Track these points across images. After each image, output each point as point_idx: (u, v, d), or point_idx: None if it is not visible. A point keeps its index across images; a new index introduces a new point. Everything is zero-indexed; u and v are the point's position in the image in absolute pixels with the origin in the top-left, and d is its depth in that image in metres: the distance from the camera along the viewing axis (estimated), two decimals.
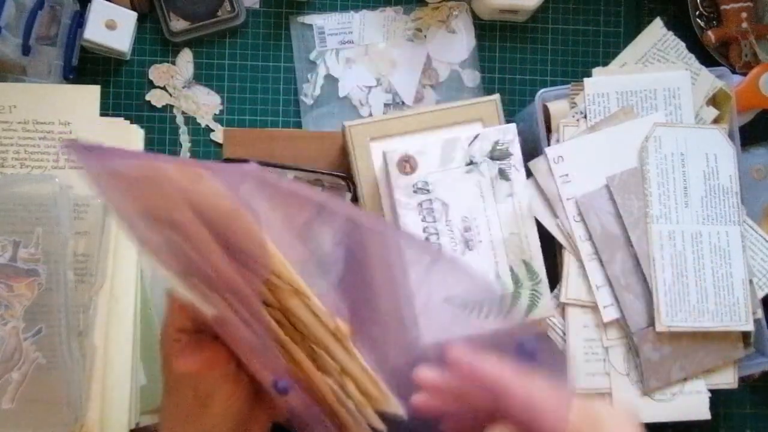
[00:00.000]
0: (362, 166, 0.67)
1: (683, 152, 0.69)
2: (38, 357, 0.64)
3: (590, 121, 0.70)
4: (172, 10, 0.75)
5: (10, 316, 0.64)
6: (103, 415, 0.65)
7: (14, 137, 0.68)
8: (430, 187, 0.65)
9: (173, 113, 0.76)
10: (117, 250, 0.68)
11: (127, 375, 0.66)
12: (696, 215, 0.69)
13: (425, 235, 0.64)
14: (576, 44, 0.81)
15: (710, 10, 0.81)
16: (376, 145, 0.67)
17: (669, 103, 0.71)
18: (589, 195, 0.68)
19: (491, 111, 0.69)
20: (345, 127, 0.68)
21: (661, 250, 0.67)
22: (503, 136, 0.65)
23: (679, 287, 0.67)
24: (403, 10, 0.79)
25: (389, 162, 0.65)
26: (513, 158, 0.65)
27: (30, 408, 0.63)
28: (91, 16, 0.71)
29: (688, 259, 0.68)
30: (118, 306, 0.67)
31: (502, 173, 0.66)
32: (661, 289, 0.67)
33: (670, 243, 0.68)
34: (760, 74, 0.75)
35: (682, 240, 0.68)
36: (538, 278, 0.65)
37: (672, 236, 0.68)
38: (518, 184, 0.66)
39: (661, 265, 0.67)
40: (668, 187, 0.68)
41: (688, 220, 0.68)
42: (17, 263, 0.64)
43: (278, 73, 0.78)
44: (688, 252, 0.68)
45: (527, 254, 0.65)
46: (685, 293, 0.67)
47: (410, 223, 0.64)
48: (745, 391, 0.80)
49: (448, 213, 0.65)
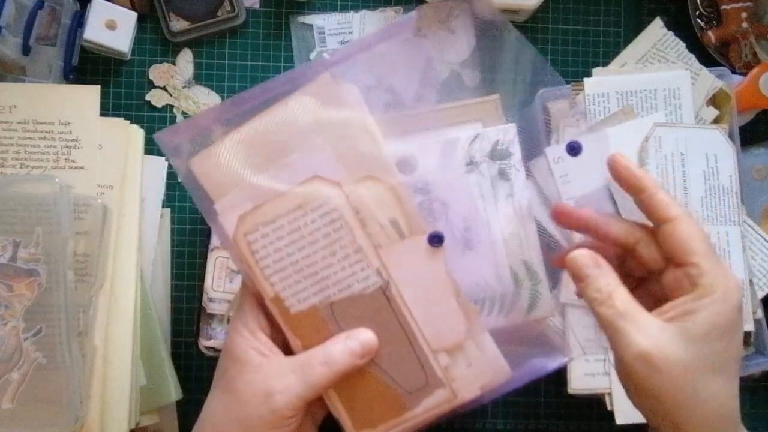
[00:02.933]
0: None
1: (683, 152, 0.69)
2: (38, 357, 0.64)
3: (590, 121, 0.70)
4: (172, 10, 0.75)
5: (10, 316, 0.64)
6: (103, 415, 0.65)
7: (14, 137, 0.68)
8: (430, 187, 0.65)
9: (173, 113, 0.76)
10: (117, 250, 0.68)
11: (127, 375, 0.66)
12: (696, 215, 0.69)
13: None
14: (576, 44, 0.81)
15: (710, 10, 0.81)
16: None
17: (669, 103, 0.71)
18: (588, 195, 0.68)
19: (491, 111, 0.69)
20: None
21: None
22: (503, 136, 0.65)
23: None
24: (403, 10, 0.79)
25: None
26: (513, 158, 0.65)
27: (30, 408, 0.63)
28: (91, 16, 0.71)
29: None
30: (118, 306, 0.67)
31: (502, 173, 0.65)
32: None
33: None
34: (760, 74, 0.75)
35: None
36: (538, 278, 0.65)
37: None
38: (518, 184, 0.66)
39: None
40: (668, 187, 0.68)
41: None
42: (17, 263, 0.64)
43: (278, 73, 0.78)
44: None
45: (527, 254, 0.65)
46: None
47: None
48: (745, 391, 0.79)
49: (447, 213, 0.65)
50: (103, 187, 0.68)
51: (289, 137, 0.52)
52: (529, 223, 0.66)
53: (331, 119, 0.52)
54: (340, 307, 0.52)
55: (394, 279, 0.52)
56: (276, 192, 0.51)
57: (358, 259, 0.51)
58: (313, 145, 0.52)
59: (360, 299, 0.51)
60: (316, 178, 0.51)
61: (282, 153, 0.51)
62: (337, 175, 0.51)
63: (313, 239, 0.51)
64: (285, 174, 0.51)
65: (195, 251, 0.75)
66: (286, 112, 0.52)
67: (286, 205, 0.51)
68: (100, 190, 0.68)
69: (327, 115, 0.52)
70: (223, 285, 0.68)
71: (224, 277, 0.68)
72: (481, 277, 0.65)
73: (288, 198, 0.51)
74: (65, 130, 0.69)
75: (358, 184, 0.52)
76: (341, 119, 0.53)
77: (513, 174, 0.65)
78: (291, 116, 0.52)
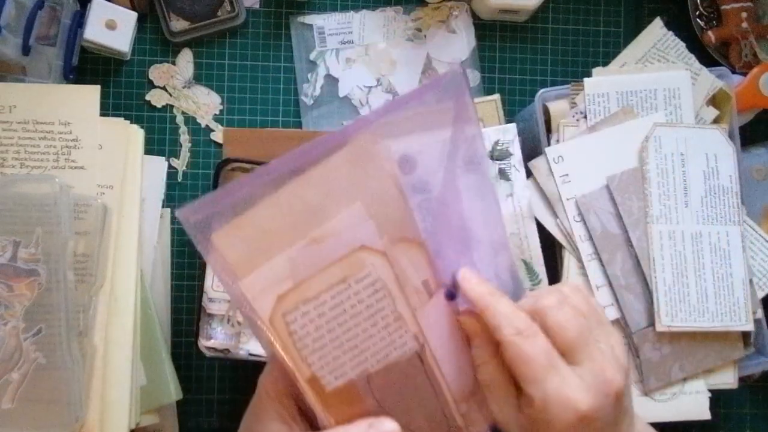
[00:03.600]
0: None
1: (683, 152, 0.69)
2: (38, 357, 0.64)
3: (590, 121, 0.70)
4: (172, 10, 0.75)
5: (10, 316, 0.64)
6: (103, 415, 0.65)
7: (14, 137, 0.68)
8: (430, 186, 0.65)
9: (173, 113, 0.76)
10: (117, 250, 0.68)
11: (127, 375, 0.66)
12: (696, 215, 0.69)
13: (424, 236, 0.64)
14: (576, 44, 0.81)
15: (710, 10, 0.81)
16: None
17: (669, 103, 0.71)
18: (589, 195, 0.68)
19: (491, 111, 0.69)
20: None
21: (661, 251, 0.67)
22: (503, 135, 0.65)
23: (679, 287, 0.67)
24: (403, 10, 0.79)
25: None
26: (513, 158, 0.65)
27: (30, 408, 0.63)
28: (91, 16, 0.71)
29: (688, 260, 0.68)
30: (118, 306, 0.67)
31: (502, 173, 0.65)
32: (661, 289, 0.67)
33: (671, 243, 0.68)
34: (760, 74, 0.75)
35: (683, 240, 0.68)
36: (538, 278, 0.65)
37: (672, 236, 0.68)
38: (518, 184, 0.66)
39: (661, 265, 0.67)
40: (668, 187, 0.68)
41: (688, 220, 0.68)
42: (17, 263, 0.64)
43: (278, 73, 0.78)
44: (688, 252, 0.68)
45: (527, 254, 0.65)
46: (685, 293, 0.67)
47: None
48: (745, 391, 0.80)
49: (447, 212, 0.65)
50: (103, 187, 0.68)
51: (325, 203, 0.47)
52: (530, 223, 0.66)
53: (369, 182, 0.49)
54: (377, 378, 0.48)
55: (427, 340, 0.49)
56: (317, 265, 0.46)
57: (397, 327, 0.48)
58: (352, 210, 0.47)
59: (396, 366, 0.48)
60: (361, 248, 0.47)
61: (319, 220, 0.47)
62: (379, 241, 0.47)
63: (355, 312, 0.47)
64: (325, 244, 0.47)
65: (195, 251, 0.75)
66: (321, 177, 0.47)
67: (330, 279, 0.47)
68: (100, 190, 0.68)
69: (364, 178, 0.48)
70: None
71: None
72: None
73: (332, 271, 0.47)
74: (65, 130, 0.69)
75: (395, 249, 0.48)
76: (377, 181, 0.49)
77: (513, 174, 0.65)
78: (326, 180, 0.47)
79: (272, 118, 0.77)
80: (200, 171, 0.76)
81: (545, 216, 0.69)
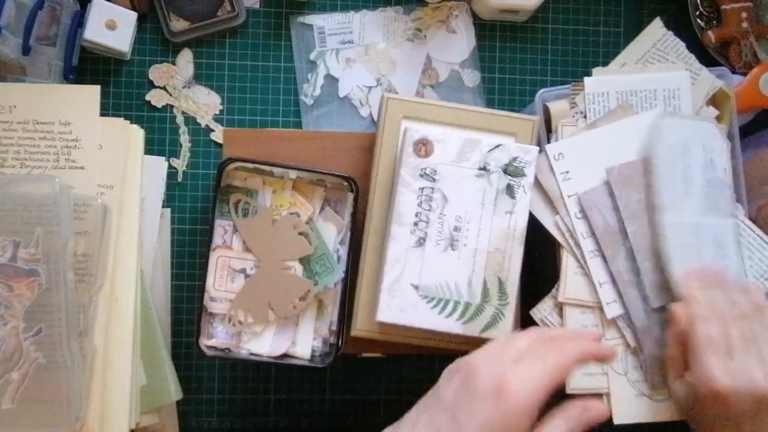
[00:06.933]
0: (387, 138, 0.67)
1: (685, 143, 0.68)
2: (38, 357, 0.64)
3: (590, 120, 0.70)
4: (172, 10, 0.75)
5: (10, 316, 0.64)
6: (103, 415, 0.65)
7: (14, 137, 0.68)
8: (437, 176, 0.65)
9: (173, 113, 0.76)
10: (117, 250, 0.68)
11: (127, 375, 0.66)
12: (697, 206, 0.68)
13: (415, 220, 0.64)
14: (576, 44, 0.81)
15: (710, 10, 0.81)
16: (407, 124, 0.67)
17: (669, 104, 0.71)
18: (591, 191, 0.68)
19: (527, 129, 0.68)
20: (383, 97, 0.67)
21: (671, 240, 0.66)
22: (523, 155, 0.65)
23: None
24: (403, 10, 0.79)
25: (407, 139, 0.64)
26: (525, 180, 0.65)
27: (30, 408, 0.63)
28: (91, 16, 0.71)
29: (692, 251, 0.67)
30: (118, 306, 0.67)
31: (509, 189, 0.65)
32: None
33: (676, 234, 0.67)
34: (760, 74, 0.75)
35: (686, 231, 0.67)
36: (506, 300, 0.65)
37: (677, 227, 0.67)
38: (520, 205, 0.65)
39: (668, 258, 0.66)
40: (672, 178, 0.68)
41: (690, 211, 0.67)
42: (17, 263, 0.64)
43: (278, 73, 0.78)
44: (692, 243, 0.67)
45: (505, 273, 0.65)
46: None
47: (405, 203, 0.64)
48: None
49: (444, 207, 0.65)
50: (103, 187, 0.68)
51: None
52: (518, 246, 0.65)
53: None
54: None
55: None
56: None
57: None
58: None
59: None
60: None
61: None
62: None
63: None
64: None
65: (195, 251, 0.75)
66: None
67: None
68: (100, 190, 0.68)
69: None
70: (225, 284, 0.68)
71: (225, 276, 0.68)
72: (453, 279, 0.65)
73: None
74: (65, 130, 0.69)
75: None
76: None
77: (519, 194, 0.65)
78: None
79: (272, 118, 0.77)
80: (200, 171, 0.76)
81: (544, 215, 0.69)
